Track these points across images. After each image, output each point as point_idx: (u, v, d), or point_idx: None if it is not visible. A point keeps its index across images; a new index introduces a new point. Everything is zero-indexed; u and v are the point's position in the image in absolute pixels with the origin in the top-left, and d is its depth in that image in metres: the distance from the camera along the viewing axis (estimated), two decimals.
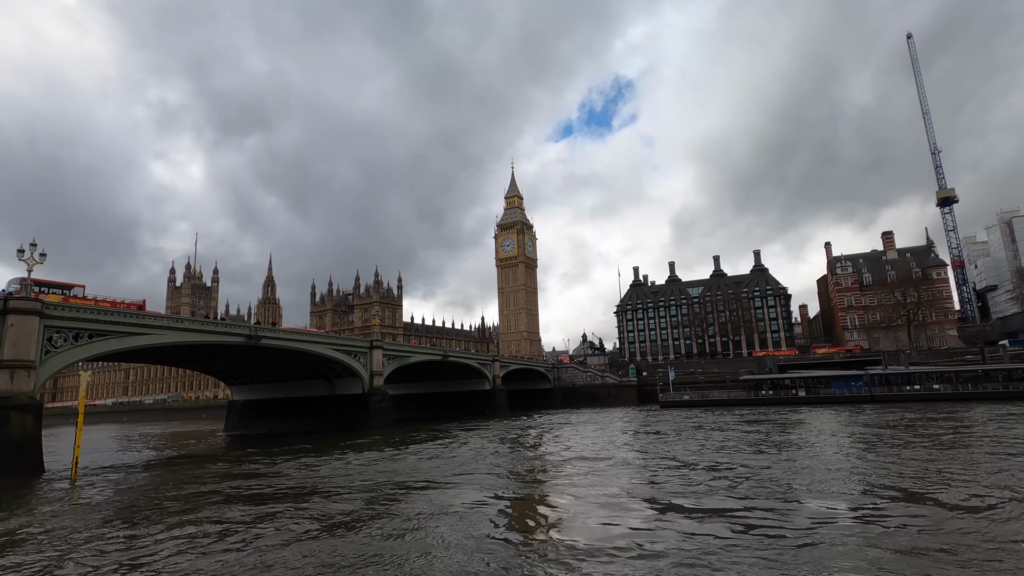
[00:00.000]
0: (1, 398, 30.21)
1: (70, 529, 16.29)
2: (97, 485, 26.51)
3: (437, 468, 27.09)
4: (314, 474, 26.79)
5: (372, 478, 24.48)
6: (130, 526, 16.32)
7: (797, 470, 21.72)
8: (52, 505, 21.06)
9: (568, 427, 51.37)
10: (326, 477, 25.49)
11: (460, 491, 20.44)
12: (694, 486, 19.16)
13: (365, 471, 27.20)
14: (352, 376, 58.37)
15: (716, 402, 74.73)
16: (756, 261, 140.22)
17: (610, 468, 24.55)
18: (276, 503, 19.24)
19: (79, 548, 13.94)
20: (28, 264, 32.88)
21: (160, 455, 43.46)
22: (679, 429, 42.86)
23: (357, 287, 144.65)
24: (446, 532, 14.05)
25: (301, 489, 22.17)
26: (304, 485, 23.27)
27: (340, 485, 22.78)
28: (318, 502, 19.11)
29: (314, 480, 24.61)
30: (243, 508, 18.64)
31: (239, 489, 22.95)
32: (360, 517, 16.30)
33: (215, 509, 18.74)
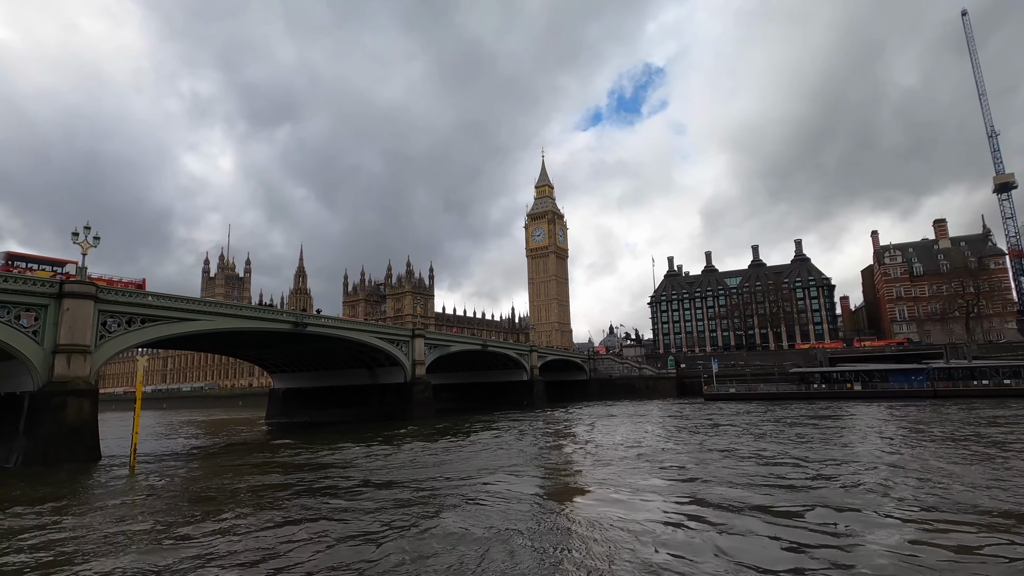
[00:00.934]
0: (58, 383, 29.82)
1: (148, 523, 15.24)
2: (157, 473, 25.79)
3: (497, 460, 25.65)
4: (375, 464, 25.63)
5: (441, 470, 23.16)
6: (208, 518, 15.20)
7: (910, 483, 19.59)
8: (118, 496, 20.19)
9: (614, 420, 49.54)
10: (390, 468, 24.28)
11: (531, 486, 18.93)
12: (783, 493, 17.25)
13: (426, 462, 25.95)
14: (394, 365, 57.48)
15: (765, 396, 71.90)
16: (797, 251, 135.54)
17: (683, 468, 22.71)
18: (351, 495, 18.00)
19: (161, 543, 12.82)
20: (82, 248, 32.39)
21: (210, 442, 43.12)
22: (735, 424, 40.68)
23: (389, 277, 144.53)
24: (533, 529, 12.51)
25: (368, 480, 20.94)
26: (369, 477, 22.05)
27: (412, 477, 21.48)
28: (393, 494, 17.81)
29: (379, 470, 23.41)
30: (317, 500, 17.43)
31: (305, 479, 21.84)
32: (435, 508, 14.90)
33: (285, 500, 17.57)
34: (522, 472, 22.36)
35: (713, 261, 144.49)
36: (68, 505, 18.25)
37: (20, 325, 29.55)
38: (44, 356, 30.12)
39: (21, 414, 29.80)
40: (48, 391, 29.38)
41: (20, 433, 29.47)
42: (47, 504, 18.42)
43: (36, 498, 19.43)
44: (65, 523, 15.50)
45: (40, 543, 13.41)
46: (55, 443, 28.79)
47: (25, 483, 23.09)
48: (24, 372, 30.08)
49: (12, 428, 30.07)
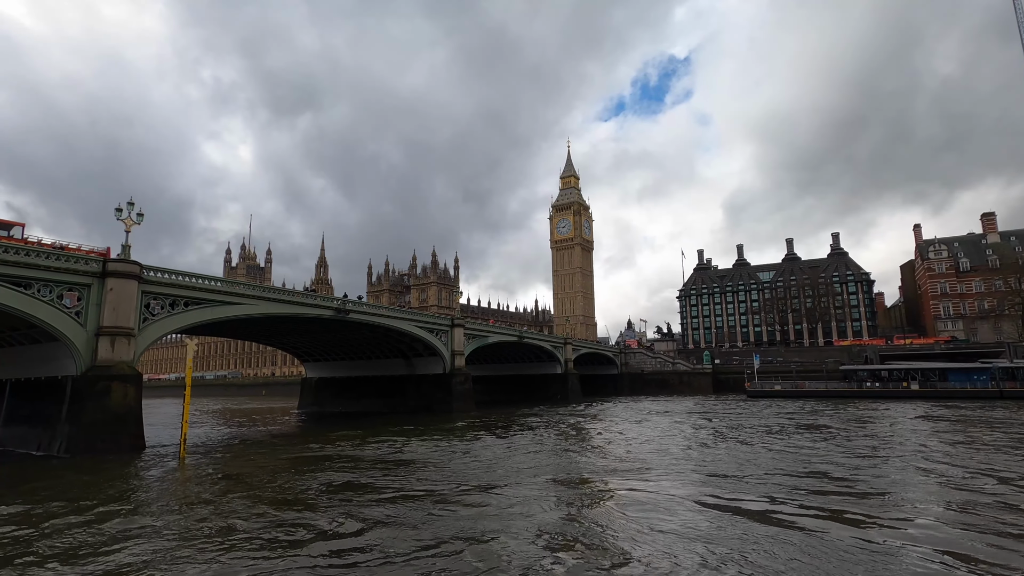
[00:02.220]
0: (101, 367, 28.14)
1: (237, 523, 13.19)
2: (210, 465, 23.91)
3: (570, 460, 23.33)
4: (429, 458, 23.49)
5: (511, 467, 20.91)
6: (299, 523, 13.10)
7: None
8: (183, 491, 18.23)
9: (657, 417, 46.94)
10: (447, 462, 22.11)
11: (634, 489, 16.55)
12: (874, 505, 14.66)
13: (487, 458, 23.74)
14: (432, 355, 55.49)
15: (813, 393, 68.81)
16: (834, 244, 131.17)
17: (760, 474, 20.17)
18: (418, 494, 15.82)
19: (265, 548, 10.72)
20: (125, 224, 30.64)
21: (250, 432, 41.45)
22: (797, 425, 37.90)
23: (413, 267, 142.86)
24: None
25: (432, 475, 18.78)
26: (428, 475, 19.87)
27: (498, 479, 19.26)
28: (486, 500, 15.59)
29: (435, 465, 21.25)
30: (412, 506, 15.27)
31: (362, 471, 19.75)
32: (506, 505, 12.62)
33: (365, 502, 15.44)
34: (608, 482, 20.02)
35: (731, 256, 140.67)
36: (136, 500, 16.37)
37: (63, 305, 27.88)
38: (87, 338, 28.44)
39: (63, 399, 28.19)
40: (92, 375, 27.71)
41: (63, 419, 27.85)
42: (112, 497, 16.56)
43: (98, 491, 17.58)
44: (145, 522, 13.59)
45: (129, 543, 11.62)
46: (100, 431, 27.12)
47: (78, 474, 21.32)
48: (66, 355, 28.46)
49: (54, 414, 28.47)
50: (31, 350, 30.87)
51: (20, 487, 18.88)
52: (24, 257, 26.54)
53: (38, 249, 27.35)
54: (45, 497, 16.84)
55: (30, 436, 29.26)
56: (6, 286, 25.85)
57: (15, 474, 22.07)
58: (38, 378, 30.59)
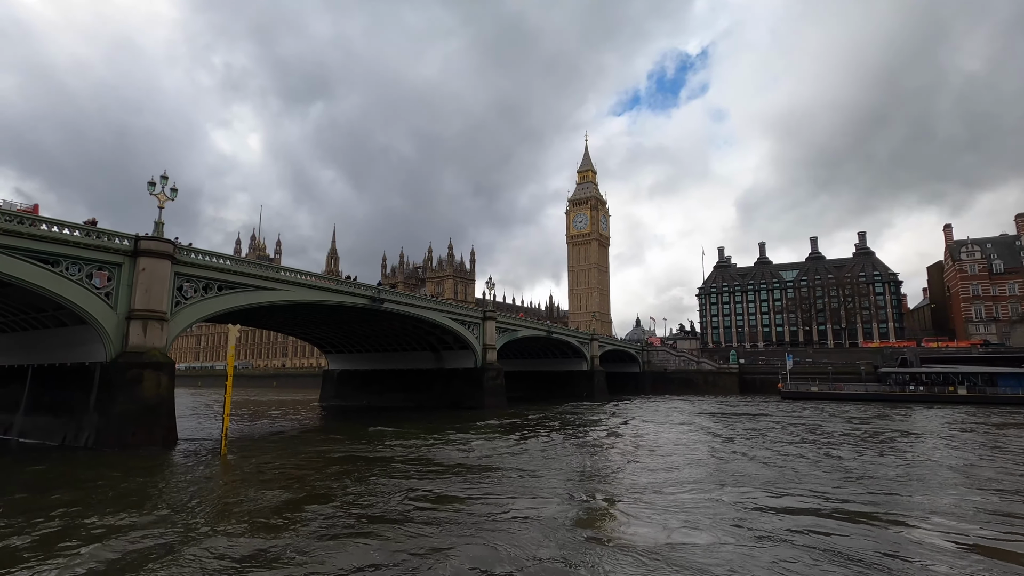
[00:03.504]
0: (133, 353, 25.89)
1: (308, 532, 10.86)
2: (255, 463, 21.59)
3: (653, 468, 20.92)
4: (510, 463, 21.13)
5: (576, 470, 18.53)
6: (383, 533, 10.75)
7: None
8: (238, 491, 15.90)
9: (694, 419, 44.53)
10: (540, 468, 19.75)
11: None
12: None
13: (555, 459, 21.38)
14: (463, 348, 53.15)
15: (852, 396, 66.15)
16: (860, 243, 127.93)
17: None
18: (485, 496, 13.45)
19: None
20: (159, 200, 28.32)
21: (279, 426, 39.20)
22: (871, 434, 35.37)
23: (429, 259, 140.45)
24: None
25: (537, 486, 16.43)
26: (531, 484, 17.51)
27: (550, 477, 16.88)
28: (533, 496, 13.23)
29: (530, 472, 18.90)
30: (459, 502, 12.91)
31: (437, 477, 17.41)
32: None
33: (427, 508, 13.08)
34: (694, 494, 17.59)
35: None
36: (198, 507, 14.02)
37: (92, 285, 25.63)
38: (117, 322, 26.19)
39: (91, 388, 25.97)
40: (123, 362, 25.47)
41: (91, 409, 25.65)
42: (172, 502, 14.24)
43: (152, 494, 15.32)
44: (205, 531, 11.23)
45: (198, 555, 9.25)
46: (131, 422, 24.90)
47: (119, 472, 19.03)
48: (94, 340, 26.23)
49: (81, 403, 26.26)
50: (56, 334, 28.68)
51: (60, 486, 16.63)
52: (52, 232, 24.28)
53: (67, 223, 25.06)
54: (98, 502, 14.54)
55: (54, 427, 27.08)
56: (33, 263, 23.60)
57: (54, 471, 19.68)
58: (63, 364, 28.39)
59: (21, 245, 23.16)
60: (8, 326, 31.03)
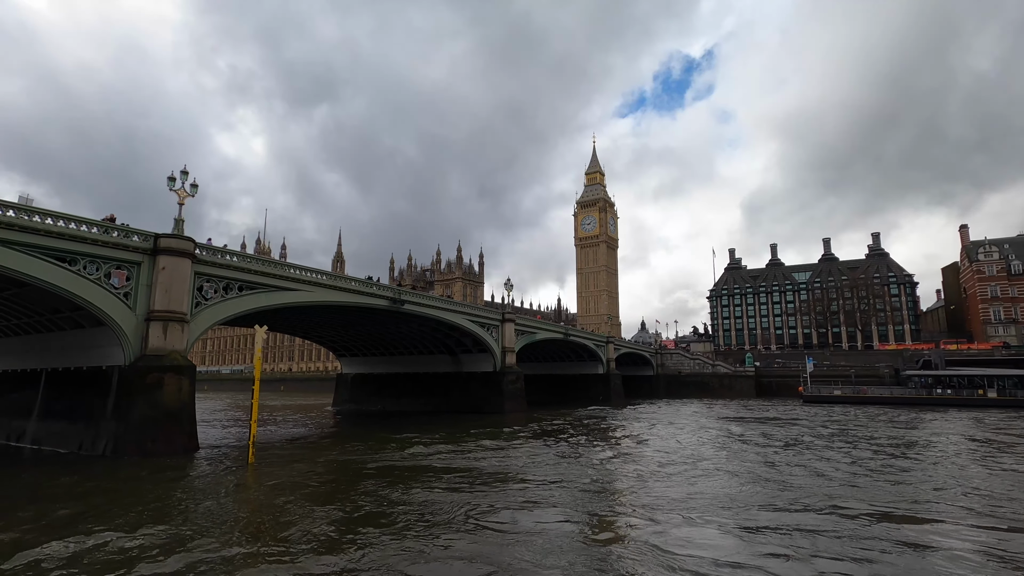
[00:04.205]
0: (153, 356, 24.67)
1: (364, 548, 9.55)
2: (282, 472, 20.29)
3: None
4: (534, 468, 19.81)
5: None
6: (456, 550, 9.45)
7: None
8: (281, 505, 14.56)
9: (730, 424, 43.13)
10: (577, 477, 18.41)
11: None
12: None
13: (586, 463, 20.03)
14: (482, 352, 51.85)
15: (877, 400, 64.55)
16: (874, 244, 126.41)
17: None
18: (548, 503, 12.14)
19: None
20: (179, 196, 27.17)
21: (299, 432, 37.91)
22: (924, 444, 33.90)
23: (437, 262, 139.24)
24: None
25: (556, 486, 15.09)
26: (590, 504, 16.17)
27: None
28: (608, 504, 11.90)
29: (570, 482, 17.58)
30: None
31: (467, 483, 16.09)
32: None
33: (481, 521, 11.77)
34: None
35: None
36: (236, 519, 12.72)
37: (110, 285, 24.42)
38: (136, 324, 24.98)
39: (108, 392, 24.76)
40: (142, 366, 24.24)
41: (108, 415, 24.44)
42: (204, 515, 12.93)
43: (183, 507, 13.98)
44: (277, 551, 9.95)
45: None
46: (151, 429, 23.67)
47: (145, 483, 17.77)
48: (112, 342, 25.01)
49: (98, 409, 25.05)
50: (70, 336, 27.49)
51: (88, 498, 15.37)
52: (70, 228, 23.08)
53: (86, 219, 23.87)
54: (145, 519, 13.25)
55: (70, 433, 25.86)
56: (50, 261, 22.40)
57: (80, 484, 18.31)
58: (79, 368, 27.17)
59: (38, 242, 21.98)
60: (21, 328, 29.87)
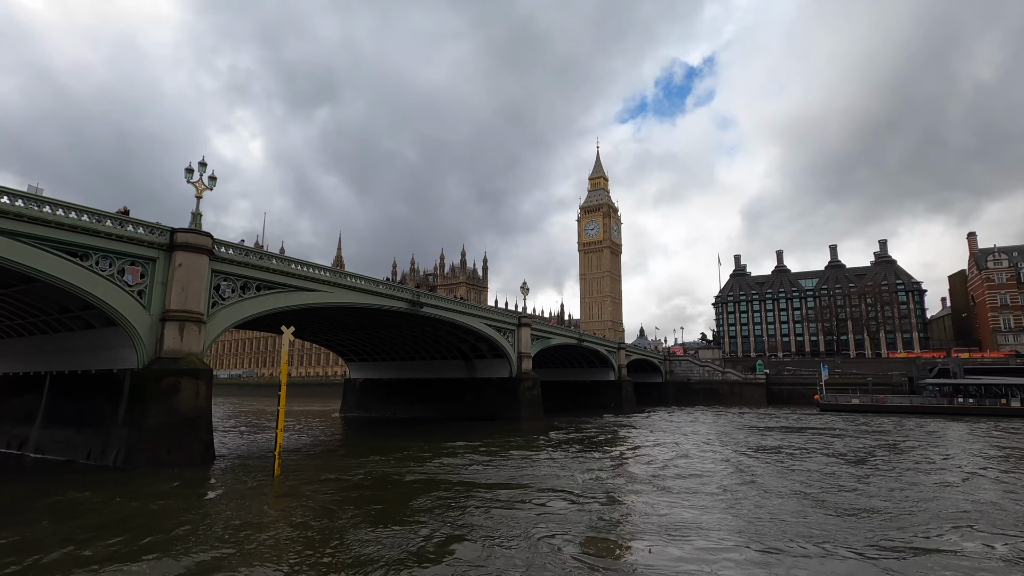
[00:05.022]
0: (168, 359, 23.03)
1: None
2: (312, 487, 18.65)
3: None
4: (598, 483, 18.26)
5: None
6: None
7: None
8: (334, 533, 12.89)
9: (761, 435, 41.67)
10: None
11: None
12: None
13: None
14: (496, 357, 50.24)
15: (897, 409, 63.28)
16: (881, 251, 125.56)
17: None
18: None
19: None
20: (196, 189, 25.58)
21: (314, 440, 36.14)
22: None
23: (441, 265, 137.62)
24: None
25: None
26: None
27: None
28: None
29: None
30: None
31: (529, 503, 14.53)
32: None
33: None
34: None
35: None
36: (287, 544, 11.10)
37: (124, 282, 22.79)
38: (151, 324, 23.34)
39: (120, 397, 23.09)
40: (157, 369, 22.60)
41: (119, 422, 22.74)
42: (252, 539, 11.29)
43: (228, 530, 12.32)
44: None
45: None
46: (166, 437, 21.99)
47: (162, 498, 16.10)
48: (125, 344, 23.35)
49: (108, 415, 23.34)
50: (78, 337, 25.80)
51: (111, 519, 13.71)
52: (83, 221, 21.46)
53: (99, 211, 22.25)
54: (182, 549, 11.62)
55: (77, 441, 24.12)
56: (61, 256, 20.77)
57: (101, 502, 16.47)
58: (87, 371, 25.47)
59: (48, 235, 20.36)
60: (25, 328, 28.14)
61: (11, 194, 19.65)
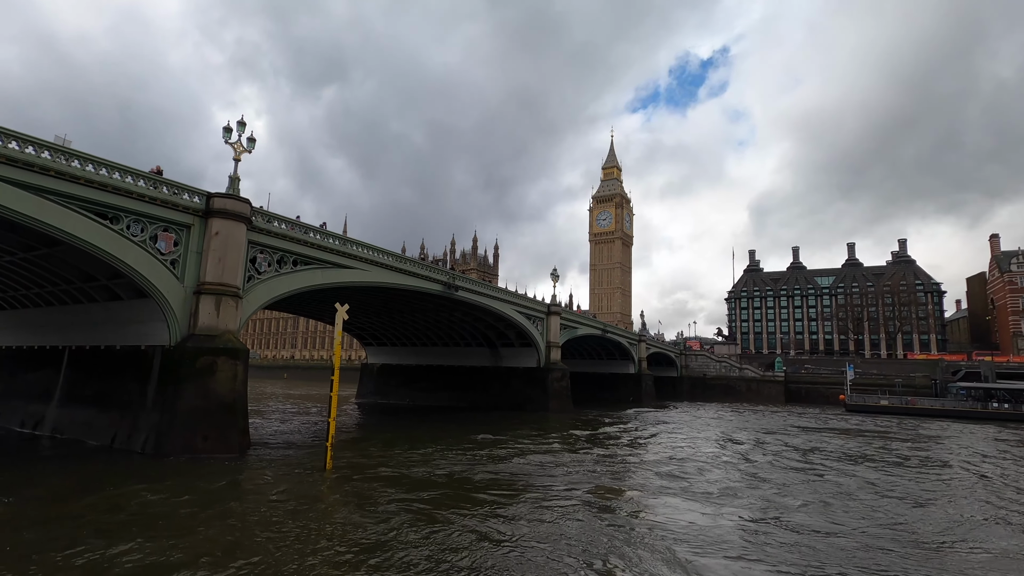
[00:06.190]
0: (203, 336, 20.87)
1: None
2: (371, 483, 16.58)
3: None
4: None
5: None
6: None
7: None
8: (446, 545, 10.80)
9: (809, 435, 39.79)
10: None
11: None
12: None
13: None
14: (524, 346, 48.20)
15: (930, 412, 61.30)
16: (900, 251, 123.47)
17: None
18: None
19: None
20: (235, 151, 23.30)
21: (341, 426, 34.08)
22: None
23: (452, 251, 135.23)
24: None
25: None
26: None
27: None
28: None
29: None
30: None
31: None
32: None
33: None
34: None
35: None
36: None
37: (156, 249, 20.56)
38: (184, 297, 21.17)
39: (148, 377, 20.97)
40: (192, 347, 20.43)
41: (148, 405, 20.62)
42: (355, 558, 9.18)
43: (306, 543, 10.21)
44: None
45: None
46: (202, 422, 19.89)
47: (210, 496, 14.00)
48: (155, 318, 21.18)
49: (136, 397, 21.24)
50: (102, 309, 23.62)
51: (189, 523, 11.60)
52: (114, 179, 19.17)
53: (131, 169, 19.95)
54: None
55: (100, 424, 22.04)
56: (90, 217, 18.53)
57: (135, 493, 14.62)
58: (110, 347, 23.32)
59: (76, 192, 18.11)
60: (42, 298, 25.92)
61: (37, 144, 17.39)
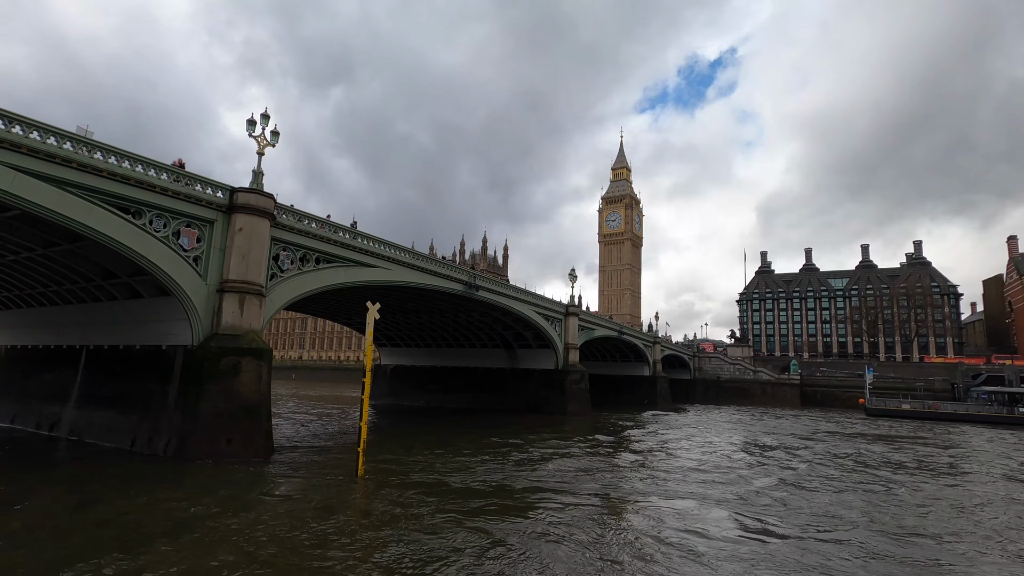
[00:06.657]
0: (227, 336, 20.13)
1: None
2: (405, 492, 15.76)
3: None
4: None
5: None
6: None
7: None
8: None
9: (845, 441, 38.75)
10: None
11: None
12: None
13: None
14: (542, 347, 47.33)
15: (952, 416, 60.02)
16: (916, 253, 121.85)
17: None
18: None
19: None
20: (258, 143, 22.56)
21: (352, 430, 33.31)
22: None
23: (462, 252, 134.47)
24: None
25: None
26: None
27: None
28: None
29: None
30: None
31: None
32: None
33: None
34: None
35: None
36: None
37: (179, 245, 19.83)
38: (207, 295, 20.44)
39: (170, 378, 20.23)
40: (215, 347, 19.70)
41: (170, 406, 19.88)
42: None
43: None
44: None
45: None
46: (226, 425, 19.16)
47: (249, 506, 13.18)
48: (176, 317, 20.47)
49: (157, 398, 20.50)
50: (121, 308, 22.92)
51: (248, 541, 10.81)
52: (137, 171, 18.47)
53: (154, 162, 19.24)
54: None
55: (119, 426, 21.33)
56: (111, 211, 17.81)
57: (210, 510, 13.82)
58: (129, 347, 22.62)
59: (98, 185, 17.41)
60: (60, 296, 25.27)
61: (59, 135, 16.67)
